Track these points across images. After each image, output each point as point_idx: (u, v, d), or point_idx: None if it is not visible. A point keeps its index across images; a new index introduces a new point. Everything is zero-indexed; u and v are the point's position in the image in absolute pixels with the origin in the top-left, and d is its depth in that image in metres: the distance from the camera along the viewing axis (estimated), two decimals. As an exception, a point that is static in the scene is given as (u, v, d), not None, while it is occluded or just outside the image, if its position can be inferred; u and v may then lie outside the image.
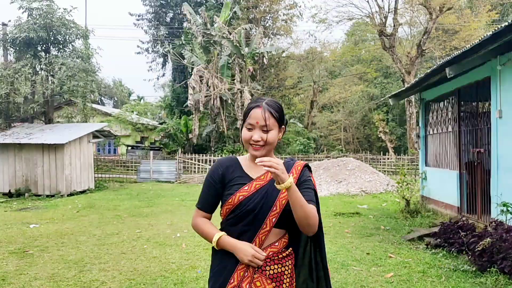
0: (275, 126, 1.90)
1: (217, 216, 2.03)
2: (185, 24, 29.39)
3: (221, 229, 1.97)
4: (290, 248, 2.01)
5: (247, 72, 22.71)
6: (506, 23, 5.01)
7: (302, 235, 1.99)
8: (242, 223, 1.89)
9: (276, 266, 1.92)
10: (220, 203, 1.98)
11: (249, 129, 1.90)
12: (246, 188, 1.91)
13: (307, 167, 2.04)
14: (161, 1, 32.90)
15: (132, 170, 22.35)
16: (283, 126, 1.97)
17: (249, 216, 1.87)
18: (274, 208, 1.88)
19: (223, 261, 1.93)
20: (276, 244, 1.94)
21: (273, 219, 1.88)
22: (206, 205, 2.00)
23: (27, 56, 15.89)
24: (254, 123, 1.88)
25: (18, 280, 5.03)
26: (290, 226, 1.97)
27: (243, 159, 2.03)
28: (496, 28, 5.24)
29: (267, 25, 28.61)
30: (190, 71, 24.55)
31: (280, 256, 1.94)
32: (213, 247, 1.96)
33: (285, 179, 1.70)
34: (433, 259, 5.70)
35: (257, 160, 1.72)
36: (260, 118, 1.87)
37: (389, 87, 30.14)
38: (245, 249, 1.86)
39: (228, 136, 23.72)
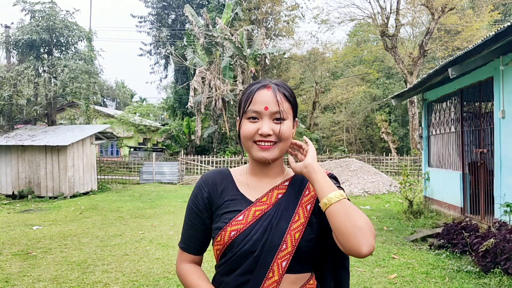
0: (289, 114, 1.33)
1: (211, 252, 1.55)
2: (187, 26, 29.45)
3: (214, 280, 1.40)
4: None
5: (249, 73, 22.73)
6: (509, 23, 5.00)
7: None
8: (238, 271, 1.29)
9: None
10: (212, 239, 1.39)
11: (253, 120, 1.31)
12: (240, 218, 1.30)
13: (331, 177, 1.39)
14: (163, 3, 33.00)
15: (134, 171, 22.38)
16: (296, 119, 1.40)
17: (247, 261, 1.28)
18: (283, 247, 1.27)
19: None
20: None
21: (283, 264, 1.27)
22: (191, 244, 1.41)
23: (30, 58, 15.95)
24: (261, 109, 1.29)
25: (21, 282, 5.04)
26: (314, 267, 1.41)
27: (238, 173, 1.43)
28: (499, 28, 5.23)
29: (269, 26, 28.63)
30: (192, 73, 24.62)
31: None
32: None
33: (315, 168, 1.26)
34: (437, 260, 5.68)
35: (305, 137, 1.34)
36: (271, 101, 1.29)
37: (391, 88, 30.12)
38: None
39: (230, 137, 23.75)
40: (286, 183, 1.38)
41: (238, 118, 1.39)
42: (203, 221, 1.37)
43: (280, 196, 1.34)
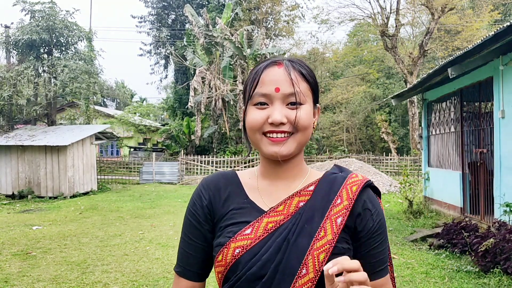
0: (308, 97, 1.02)
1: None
2: (187, 26, 29.45)
3: None
4: None
5: (249, 73, 22.73)
6: (508, 23, 5.00)
7: None
8: None
9: None
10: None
11: (261, 107, 1.01)
12: (248, 231, 0.99)
13: (370, 187, 1.07)
14: (163, 3, 33.01)
15: (134, 171, 22.38)
16: (318, 105, 1.08)
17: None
18: (303, 271, 0.94)
19: None
20: None
21: None
22: (190, 267, 1.09)
23: (30, 58, 15.95)
24: (271, 91, 0.99)
25: (21, 282, 5.04)
26: None
27: (247, 176, 1.12)
28: (498, 28, 5.23)
29: (269, 26, 28.66)
30: (192, 73, 24.62)
31: None
32: None
33: None
34: (436, 260, 5.68)
35: (327, 267, 0.80)
36: (283, 81, 0.99)
37: (391, 88, 30.12)
38: None
39: (230, 137, 23.75)
40: (311, 188, 1.04)
41: (243, 107, 1.07)
42: (204, 236, 1.06)
43: (301, 204, 1.01)
